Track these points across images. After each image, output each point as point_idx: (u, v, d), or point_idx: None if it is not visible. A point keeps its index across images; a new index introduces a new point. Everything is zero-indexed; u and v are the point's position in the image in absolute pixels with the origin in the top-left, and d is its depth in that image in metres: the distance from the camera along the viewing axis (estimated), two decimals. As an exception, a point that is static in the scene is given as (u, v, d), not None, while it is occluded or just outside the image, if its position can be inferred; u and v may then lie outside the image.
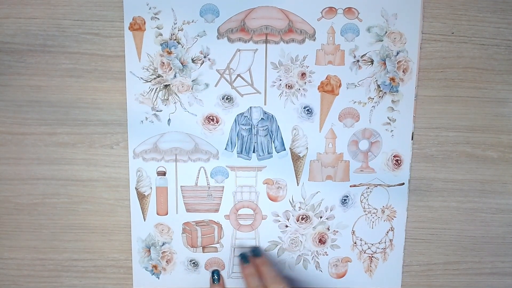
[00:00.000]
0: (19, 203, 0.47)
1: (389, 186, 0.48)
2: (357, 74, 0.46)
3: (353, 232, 0.49)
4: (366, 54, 0.46)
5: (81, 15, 0.45)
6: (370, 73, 0.46)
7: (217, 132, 0.47)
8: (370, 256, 0.50)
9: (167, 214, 0.48)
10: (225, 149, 0.47)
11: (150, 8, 0.44)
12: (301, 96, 0.46)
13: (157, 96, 0.46)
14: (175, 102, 0.46)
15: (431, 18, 0.46)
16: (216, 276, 0.48)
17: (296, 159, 0.47)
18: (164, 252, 0.49)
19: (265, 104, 0.46)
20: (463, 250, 0.50)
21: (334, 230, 0.49)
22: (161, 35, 0.45)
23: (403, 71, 0.46)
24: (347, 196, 0.48)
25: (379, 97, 0.47)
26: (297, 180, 0.48)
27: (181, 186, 0.47)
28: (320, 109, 0.47)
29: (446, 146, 0.48)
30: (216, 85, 0.46)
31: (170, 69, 0.46)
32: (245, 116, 0.47)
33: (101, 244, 0.48)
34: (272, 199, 0.48)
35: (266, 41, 0.45)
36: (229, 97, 0.46)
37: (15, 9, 0.44)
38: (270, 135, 0.47)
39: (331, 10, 0.45)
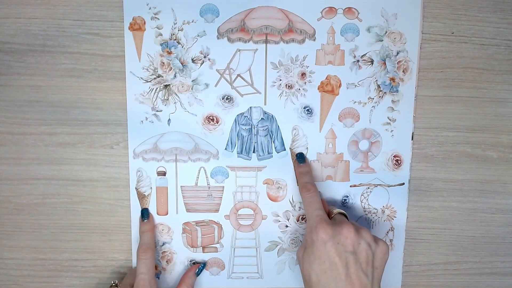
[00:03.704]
0: (19, 203, 0.47)
1: (389, 186, 0.48)
2: (357, 74, 0.46)
3: (353, 232, 0.49)
4: (366, 54, 0.46)
5: (81, 15, 0.45)
6: (370, 73, 0.46)
7: (217, 132, 0.47)
8: (370, 256, 0.50)
9: (167, 214, 0.48)
10: (225, 149, 0.47)
11: (150, 8, 0.44)
12: (301, 96, 0.46)
13: (157, 96, 0.46)
14: (175, 102, 0.46)
15: (431, 18, 0.46)
16: (145, 214, 0.47)
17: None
18: (164, 252, 0.49)
19: (265, 104, 0.46)
20: (463, 250, 0.50)
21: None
22: (161, 35, 0.45)
23: (403, 71, 0.46)
24: (347, 196, 0.48)
25: (379, 97, 0.47)
26: (297, 180, 0.48)
27: (181, 186, 0.47)
28: (320, 109, 0.47)
29: (446, 146, 0.48)
30: (216, 85, 0.46)
31: (170, 69, 0.46)
32: (245, 116, 0.47)
33: (101, 244, 0.48)
34: (272, 199, 0.48)
35: (266, 41, 0.45)
36: (229, 97, 0.46)
37: (15, 9, 0.44)
38: (270, 135, 0.47)
39: (331, 10, 0.45)
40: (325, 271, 0.39)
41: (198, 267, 0.48)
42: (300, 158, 0.46)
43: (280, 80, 0.46)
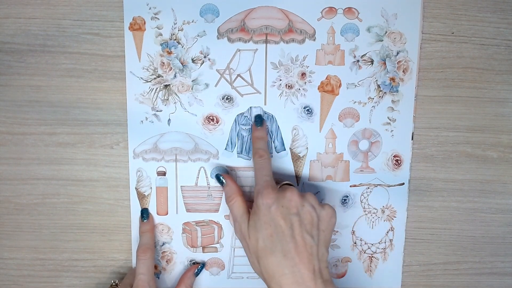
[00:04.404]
0: (19, 203, 0.47)
1: (389, 186, 0.48)
2: (357, 74, 0.46)
3: (353, 232, 0.49)
4: (366, 54, 0.46)
5: (81, 15, 0.45)
6: (370, 73, 0.46)
7: (217, 132, 0.47)
8: (370, 256, 0.50)
9: (167, 214, 0.48)
10: (225, 149, 0.47)
11: (150, 8, 0.45)
12: (301, 96, 0.46)
13: (157, 96, 0.46)
14: (175, 102, 0.46)
15: (431, 18, 0.46)
16: (145, 214, 0.47)
17: (296, 159, 0.47)
18: (164, 252, 0.49)
19: (265, 104, 0.46)
20: (463, 250, 0.50)
21: (334, 230, 0.49)
22: (161, 35, 0.45)
23: (403, 71, 0.46)
24: (347, 196, 0.48)
25: (379, 97, 0.47)
26: (297, 180, 0.48)
27: (181, 186, 0.47)
28: (320, 109, 0.47)
29: (446, 146, 0.48)
30: (216, 85, 0.46)
31: (170, 69, 0.46)
32: (245, 116, 0.47)
33: (101, 244, 0.48)
34: (272, 199, 0.48)
35: (266, 41, 0.45)
36: (229, 97, 0.46)
37: (15, 9, 0.44)
38: (270, 135, 0.47)
39: (331, 10, 0.45)
40: (271, 234, 0.39)
41: (197, 267, 0.48)
42: (258, 121, 0.46)
43: (280, 80, 0.46)
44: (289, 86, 0.46)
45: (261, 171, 0.43)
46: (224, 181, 0.45)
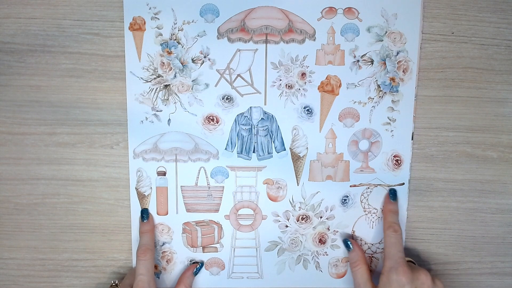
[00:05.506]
0: (19, 203, 0.47)
1: (389, 186, 0.48)
2: (357, 74, 0.46)
3: (353, 232, 0.49)
4: (366, 54, 0.46)
5: (81, 15, 0.45)
6: (370, 73, 0.46)
7: (217, 132, 0.47)
8: (370, 256, 0.50)
9: (167, 214, 0.48)
10: (225, 149, 0.47)
11: (150, 8, 0.45)
12: (301, 96, 0.46)
13: (157, 96, 0.46)
14: (175, 102, 0.46)
15: (431, 18, 0.46)
16: (145, 214, 0.47)
17: (296, 159, 0.47)
18: (164, 252, 0.49)
19: (265, 104, 0.46)
20: (463, 250, 0.50)
21: (334, 230, 0.49)
22: (161, 35, 0.45)
23: (403, 71, 0.46)
24: (347, 196, 0.48)
25: (379, 97, 0.47)
26: (297, 180, 0.48)
27: (181, 186, 0.47)
28: (320, 109, 0.47)
29: (446, 146, 0.48)
30: (216, 85, 0.46)
31: (170, 69, 0.46)
32: (245, 116, 0.47)
33: (101, 244, 0.48)
34: (272, 199, 0.48)
35: (266, 41, 0.45)
36: (229, 97, 0.46)
37: (15, 9, 0.44)
38: (270, 135, 0.47)
39: (331, 10, 0.45)
40: None
41: (196, 266, 0.48)
42: (392, 195, 0.48)
43: (280, 80, 0.46)
44: (289, 86, 0.46)
45: (396, 247, 0.45)
46: (351, 246, 0.48)
